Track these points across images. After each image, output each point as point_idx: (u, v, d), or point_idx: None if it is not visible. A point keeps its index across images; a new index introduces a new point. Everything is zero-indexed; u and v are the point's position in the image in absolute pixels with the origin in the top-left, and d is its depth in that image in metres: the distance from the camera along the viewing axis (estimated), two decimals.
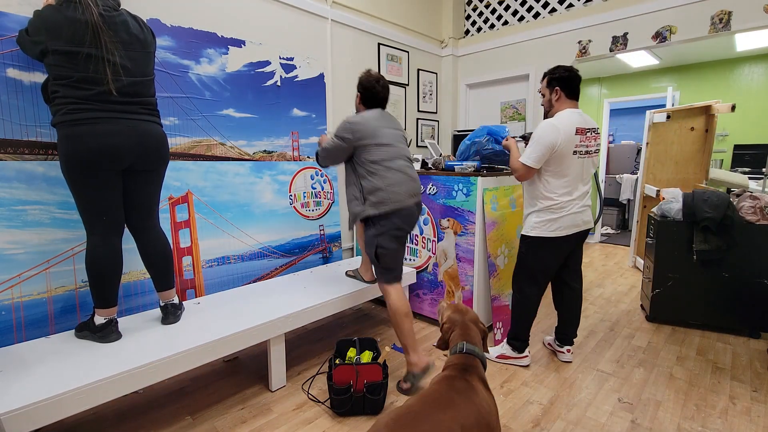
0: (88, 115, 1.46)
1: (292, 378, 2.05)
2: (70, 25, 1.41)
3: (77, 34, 1.41)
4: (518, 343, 2.16)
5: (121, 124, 1.52)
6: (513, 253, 2.64)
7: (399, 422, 1.00)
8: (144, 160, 1.63)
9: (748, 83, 5.02)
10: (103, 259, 1.57)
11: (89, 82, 1.45)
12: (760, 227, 2.37)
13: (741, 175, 4.00)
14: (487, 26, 3.89)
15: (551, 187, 1.96)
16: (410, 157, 2.03)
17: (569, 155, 1.90)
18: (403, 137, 2.04)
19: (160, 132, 1.69)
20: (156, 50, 1.72)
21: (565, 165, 1.91)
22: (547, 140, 1.87)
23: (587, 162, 1.98)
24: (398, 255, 1.96)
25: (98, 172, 1.50)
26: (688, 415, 1.74)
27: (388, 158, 1.90)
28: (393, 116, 2.07)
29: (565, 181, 1.94)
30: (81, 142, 1.45)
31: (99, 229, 1.57)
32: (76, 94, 1.44)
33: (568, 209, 1.96)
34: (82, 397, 1.31)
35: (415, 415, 1.03)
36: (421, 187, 2.17)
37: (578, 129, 1.90)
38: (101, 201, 1.55)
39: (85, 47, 1.43)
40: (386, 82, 2.03)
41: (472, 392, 1.13)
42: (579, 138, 1.91)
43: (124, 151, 1.53)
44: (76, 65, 1.43)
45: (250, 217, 2.48)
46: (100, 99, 1.48)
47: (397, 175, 1.90)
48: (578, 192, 1.98)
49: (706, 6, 2.68)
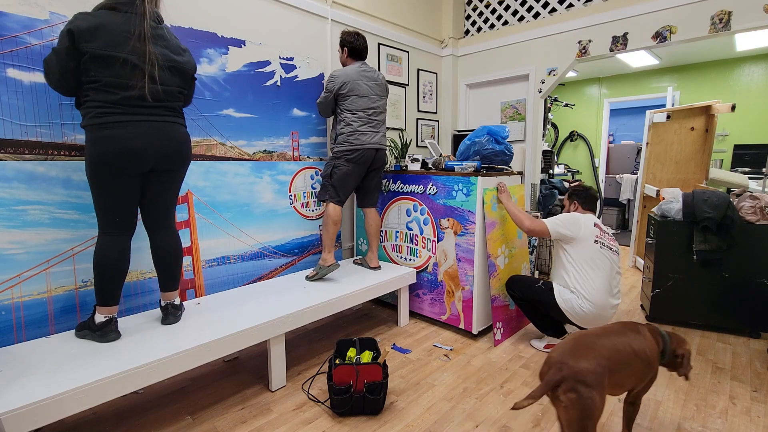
0: (116, 119, 1.51)
1: (292, 378, 2.05)
2: (107, 31, 1.46)
3: (116, 39, 1.47)
4: (552, 331, 2.34)
5: (144, 127, 1.56)
6: (513, 253, 2.64)
7: (582, 337, 1.32)
8: (166, 161, 1.66)
9: (748, 83, 5.02)
10: (111, 258, 1.60)
11: (117, 86, 1.49)
12: (760, 227, 2.37)
13: (741, 175, 4.00)
14: (487, 26, 3.89)
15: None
16: (381, 109, 2.52)
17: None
18: (379, 88, 2.50)
19: (183, 132, 1.73)
20: (195, 71, 1.78)
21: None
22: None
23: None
24: (347, 180, 2.44)
25: (119, 175, 1.55)
26: (688, 415, 1.74)
27: (360, 108, 2.42)
28: (372, 68, 2.52)
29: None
30: (109, 144, 1.50)
31: (111, 229, 1.60)
32: (105, 98, 1.49)
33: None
34: (82, 397, 1.31)
35: (594, 335, 1.34)
36: (385, 137, 2.59)
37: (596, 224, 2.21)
38: (118, 203, 1.58)
39: (122, 53, 1.48)
40: (363, 36, 2.52)
41: (641, 335, 1.41)
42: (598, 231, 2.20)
43: (146, 154, 1.57)
44: (109, 68, 1.48)
45: (250, 217, 2.48)
46: (126, 103, 1.52)
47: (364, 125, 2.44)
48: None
49: (706, 6, 2.68)
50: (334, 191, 2.45)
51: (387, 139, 2.65)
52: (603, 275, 2.11)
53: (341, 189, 2.45)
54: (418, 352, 2.33)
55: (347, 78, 2.40)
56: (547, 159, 4.09)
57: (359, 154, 2.42)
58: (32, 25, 1.68)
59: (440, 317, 2.65)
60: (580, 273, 2.13)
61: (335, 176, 2.44)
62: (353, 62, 2.49)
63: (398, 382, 2.01)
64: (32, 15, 1.68)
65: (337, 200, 2.46)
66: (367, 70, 2.48)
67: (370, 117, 2.45)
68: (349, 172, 2.44)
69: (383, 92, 2.55)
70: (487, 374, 2.09)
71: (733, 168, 5.02)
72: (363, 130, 2.42)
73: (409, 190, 2.75)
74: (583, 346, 1.27)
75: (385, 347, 1.86)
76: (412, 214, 2.76)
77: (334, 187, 2.44)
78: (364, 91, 2.43)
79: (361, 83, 2.42)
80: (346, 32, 2.49)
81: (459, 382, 2.02)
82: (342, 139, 2.44)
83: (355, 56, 2.50)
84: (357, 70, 2.43)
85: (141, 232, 1.79)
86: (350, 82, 2.40)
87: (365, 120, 2.44)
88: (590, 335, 1.34)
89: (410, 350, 2.35)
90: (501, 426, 1.68)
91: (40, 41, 1.70)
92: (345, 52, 2.50)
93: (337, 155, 2.45)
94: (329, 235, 2.44)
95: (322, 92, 2.53)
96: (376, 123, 2.49)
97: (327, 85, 2.47)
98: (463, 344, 2.43)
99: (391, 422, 1.71)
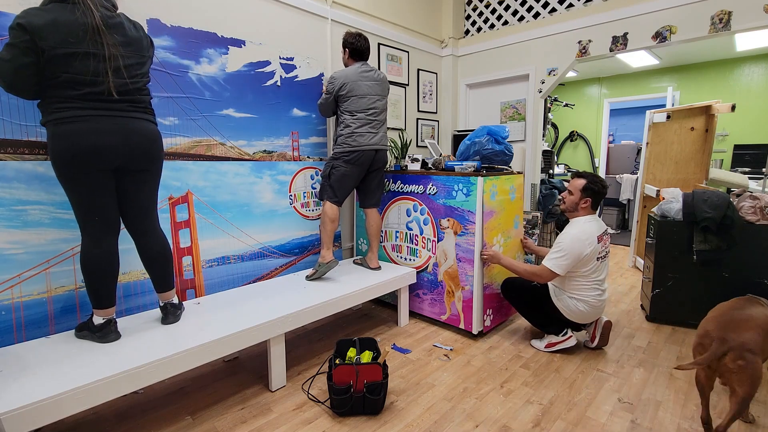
0: (75, 113, 1.44)
1: (292, 378, 2.05)
2: (64, 26, 1.38)
3: (72, 34, 1.39)
4: (553, 328, 2.34)
5: (108, 122, 1.49)
6: (508, 243, 2.64)
7: (730, 312, 1.57)
8: (134, 159, 1.59)
9: (748, 83, 5.02)
10: (96, 260, 1.56)
11: (78, 83, 1.43)
12: (760, 227, 2.37)
13: (741, 175, 4.00)
14: (487, 26, 3.89)
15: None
16: (381, 109, 2.52)
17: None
18: (379, 87, 2.51)
19: (152, 129, 1.66)
20: (153, 54, 1.71)
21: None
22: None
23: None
24: (344, 181, 2.46)
25: (86, 171, 1.48)
26: (688, 415, 1.74)
27: (359, 109, 2.43)
28: (373, 67, 2.53)
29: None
30: (67, 140, 1.43)
31: (91, 230, 1.55)
32: (64, 94, 1.43)
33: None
34: (82, 396, 1.31)
35: (736, 309, 1.58)
36: (385, 137, 2.59)
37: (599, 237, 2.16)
38: (91, 201, 1.53)
39: (82, 48, 1.41)
40: (365, 37, 2.52)
41: (764, 306, 1.65)
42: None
43: (111, 150, 1.50)
44: (69, 65, 1.40)
45: (250, 217, 2.48)
46: (88, 98, 1.46)
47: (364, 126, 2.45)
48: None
49: (706, 6, 2.68)
50: (331, 191, 2.47)
51: (388, 138, 2.65)
52: (599, 279, 2.18)
53: (339, 189, 2.47)
54: (418, 352, 2.33)
55: (346, 79, 2.41)
56: (547, 159, 4.09)
57: (356, 156, 2.43)
58: None
59: (440, 317, 2.65)
60: (580, 282, 2.18)
61: (333, 177, 2.46)
62: (355, 63, 2.51)
63: (398, 382, 2.01)
64: None
65: (335, 200, 2.48)
66: (368, 69, 2.49)
67: (369, 117, 2.46)
68: (346, 173, 2.45)
69: (384, 91, 2.56)
70: (487, 374, 2.09)
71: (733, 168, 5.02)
72: (361, 131, 2.43)
73: (409, 190, 2.75)
74: (738, 320, 1.51)
75: (385, 347, 1.86)
76: (412, 214, 2.76)
77: (332, 187, 2.47)
78: (364, 91, 2.43)
79: (360, 83, 2.43)
80: (349, 33, 2.50)
81: (459, 382, 2.02)
82: (341, 140, 2.45)
83: (357, 57, 2.51)
84: (357, 70, 2.44)
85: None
86: (350, 82, 2.41)
87: (364, 121, 2.44)
88: (733, 310, 1.59)
89: (410, 350, 2.35)
90: (501, 426, 1.68)
91: None
92: (347, 53, 2.52)
93: (336, 156, 2.46)
94: (327, 233, 2.47)
95: (323, 94, 2.55)
96: (376, 123, 2.49)
97: (327, 86, 2.50)
98: (463, 344, 2.43)
99: (391, 422, 1.71)
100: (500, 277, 2.61)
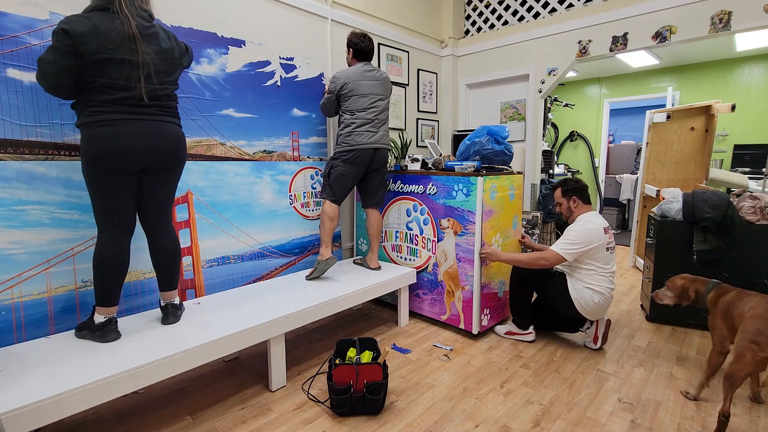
0: (108, 117, 1.51)
1: (292, 378, 2.05)
2: (104, 34, 1.46)
3: (112, 41, 1.47)
4: (521, 320, 2.43)
5: (137, 125, 1.57)
6: (506, 242, 2.64)
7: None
8: (159, 160, 1.66)
9: (748, 83, 5.02)
10: (110, 258, 1.60)
11: (112, 87, 1.50)
12: (760, 227, 2.37)
13: (741, 175, 4.00)
14: (487, 26, 3.89)
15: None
16: (382, 109, 2.53)
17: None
18: (381, 87, 2.51)
19: (177, 132, 1.73)
20: (192, 59, 1.83)
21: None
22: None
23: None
24: (343, 180, 2.47)
25: (114, 172, 1.55)
26: (688, 415, 1.74)
27: (360, 108, 2.44)
28: (375, 67, 2.55)
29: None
30: (101, 143, 1.50)
31: (109, 228, 1.61)
32: (99, 98, 1.50)
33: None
34: (82, 396, 1.31)
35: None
36: (386, 136, 2.58)
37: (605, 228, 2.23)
38: (114, 201, 1.59)
39: (119, 54, 1.48)
40: (370, 38, 2.53)
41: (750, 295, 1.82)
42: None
43: (138, 152, 1.57)
44: (106, 71, 1.48)
45: (250, 217, 2.48)
46: (120, 102, 1.53)
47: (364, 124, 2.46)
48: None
49: (706, 6, 2.68)
50: (330, 190, 2.49)
51: (389, 138, 2.65)
52: (612, 270, 2.25)
53: (338, 189, 2.48)
54: (418, 352, 2.33)
55: (348, 78, 2.42)
56: (547, 159, 4.09)
57: (354, 155, 2.43)
58: (32, 25, 1.68)
59: (440, 317, 2.65)
60: (596, 272, 2.22)
61: (332, 176, 2.48)
62: (358, 63, 2.52)
63: (398, 382, 2.01)
64: (32, 15, 1.69)
65: (333, 199, 2.50)
66: (370, 69, 2.50)
67: (369, 117, 2.46)
68: (345, 173, 2.46)
69: (386, 91, 2.56)
70: (487, 374, 2.09)
71: (733, 168, 5.02)
72: (360, 130, 2.43)
73: (409, 190, 2.75)
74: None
75: (385, 347, 1.86)
76: (412, 214, 2.76)
77: (331, 186, 2.49)
78: (365, 90, 2.44)
79: (362, 83, 2.43)
80: (354, 33, 2.52)
81: (459, 382, 2.02)
82: (340, 139, 2.46)
83: (360, 57, 2.52)
84: (359, 70, 2.46)
85: (141, 232, 1.78)
86: (351, 82, 2.42)
87: (364, 120, 2.44)
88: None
89: (410, 350, 2.35)
90: (501, 426, 1.69)
91: (40, 41, 1.70)
92: (350, 53, 2.54)
93: (335, 155, 2.48)
94: (326, 231, 2.48)
95: (325, 93, 2.56)
96: (377, 122, 2.49)
97: (329, 86, 2.51)
98: (463, 344, 2.43)
99: (391, 422, 1.71)
100: (498, 277, 2.61)
